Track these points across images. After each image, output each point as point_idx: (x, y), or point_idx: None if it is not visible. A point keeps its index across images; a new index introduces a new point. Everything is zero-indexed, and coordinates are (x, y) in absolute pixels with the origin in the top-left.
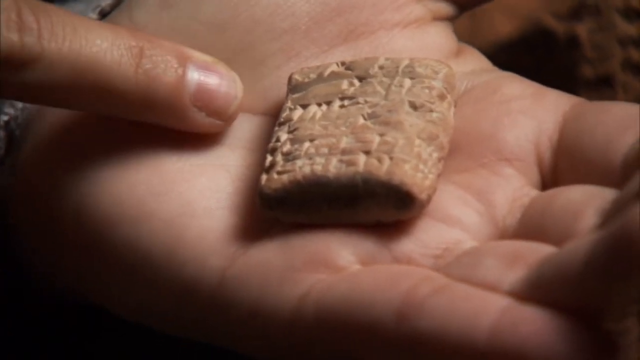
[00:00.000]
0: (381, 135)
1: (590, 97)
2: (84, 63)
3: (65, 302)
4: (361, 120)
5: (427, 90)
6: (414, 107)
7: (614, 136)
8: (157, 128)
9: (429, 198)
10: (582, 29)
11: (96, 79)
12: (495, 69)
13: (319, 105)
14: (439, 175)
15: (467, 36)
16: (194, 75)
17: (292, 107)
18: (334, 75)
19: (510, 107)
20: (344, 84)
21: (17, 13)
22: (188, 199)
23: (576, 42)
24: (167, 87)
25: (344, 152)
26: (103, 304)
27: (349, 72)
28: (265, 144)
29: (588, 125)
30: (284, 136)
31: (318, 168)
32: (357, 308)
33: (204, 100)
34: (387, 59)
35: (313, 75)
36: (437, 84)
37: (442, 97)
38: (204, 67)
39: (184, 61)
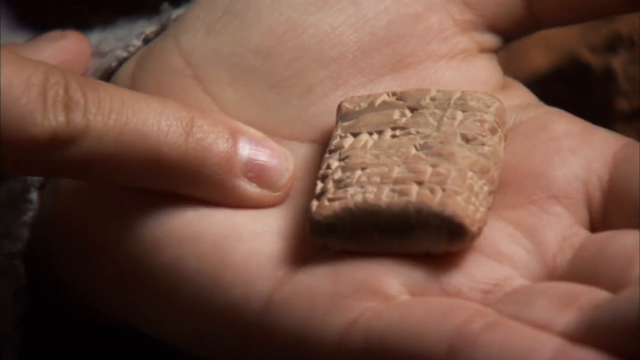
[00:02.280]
0: (433, 166)
1: (626, 129)
2: (131, 135)
3: (102, 325)
4: (413, 151)
5: (478, 124)
6: (466, 139)
7: None
8: None
9: (480, 230)
10: (617, 62)
11: (144, 149)
12: (541, 104)
13: (370, 134)
14: (489, 209)
15: (503, 69)
16: (245, 148)
17: (343, 135)
18: (385, 105)
19: (560, 145)
20: (396, 114)
21: (65, 89)
22: (234, 221)
23: (611, 74)
24: (218, 157)
25: (396, 181)
26: (140, 327)
27: (401, 102)
28: (311, 172)
29: (639, 170)
30: (335, 163)
31: (370, 197)
32: (407, 338)
33: (255, 172)
34: (438, 91)
35: (364, 104)
36: (489, 117)
37: (493, 130)
38: (255, 141)
39: (235, 134)
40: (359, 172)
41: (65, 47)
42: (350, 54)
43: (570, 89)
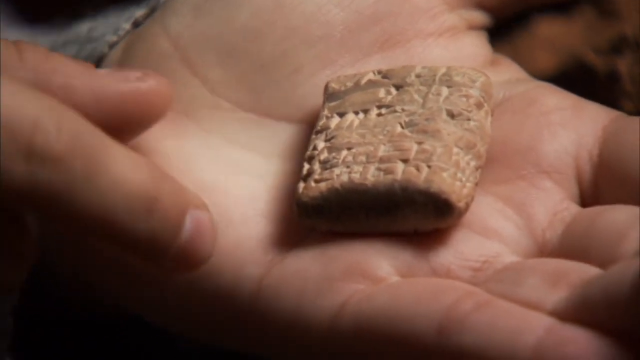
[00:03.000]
0: (419, 143)
1: None
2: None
3: (99, 311)
4: (399, 129)
5: (464, 99)
6: (451, 115)
7: None
8: (193, 138)
9: (467, 206)
10: (622, 63)
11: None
12: (531, 78)
13: (356, 113)
14: (476, 184)
15: None
16: (187, 230)
17: (329, 115)
18: (371, 84)
19: (550, 119)
20: (381, 92)
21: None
22: (224, 207)
23: (616, 76)
24: (162, 243)
25: (381, 160)
26: (136, 310)
27: (386, 80)
28: (301, 153)
29: (629, 143)
30: (321, 144)
31: (356, 176)
32: (397, 320)
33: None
34: (424, 68)
35: (350, 84)
36: (475, 92)
37: (479, 105)
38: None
39: (185, 208)
40: (344, 152)
41: (141, 90)
42: (338, 33)
43: (575, 90)
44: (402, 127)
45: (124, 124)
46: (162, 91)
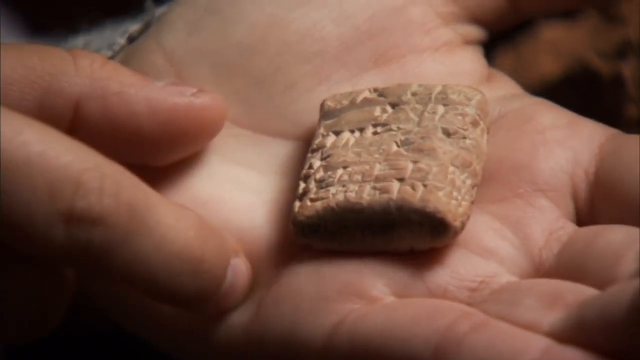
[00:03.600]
0: (414, 162)
1: None
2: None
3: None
4: (394, 147)
5: (460, 117)
6: (447, 133)
7: None
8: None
9: (463, 225)
10: (627, 68)
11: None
12: (526, 94)
13: (352, 132)
14: (472, 203)
15: (511, 75)
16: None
17: (325, 133)
18: (367, 102)
19: (546, 137)
20: (377, 111)
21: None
22: (220, 224)
23: (621, 81)
24: (207, 298)
25: (377, 179)
26: (132, 331)
27: (382, 98)
28: (297, 170)
29: (625, 162)
30: (317, 163)
31: (352, 195)
32: (393, 340)
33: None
34: (419, 86)
35: (345, 102)
36: (470, 110)
37: (475, 123)
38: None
39: (227, 261)
40: (340, 171)
41: (195, 105)
42: (333, 49)
43: (580, 95)
44: (398, 146)
45: (176, 138)
46: (216, 108)
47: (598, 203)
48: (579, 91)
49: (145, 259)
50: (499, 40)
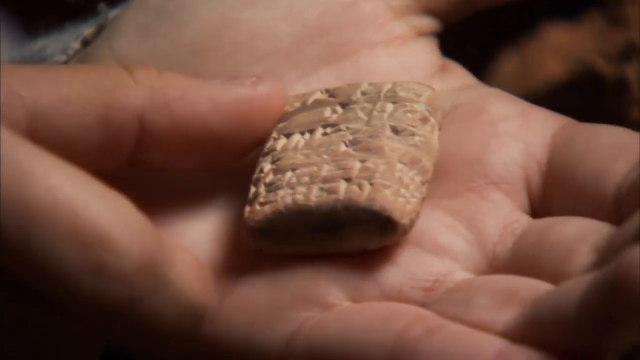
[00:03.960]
0: (362, 161)
1: None
2: None
3: None
4: (343, 148)
5: (409, 115)
6: (395, 131)
7: (605, 165)
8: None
9: (412, 222)
10: (631, 71)
11: None
12: (480, 84)
13: (302, 134)
14: (423, 199)
15: (516, 78)
16: None
17: (277, 137)
18: (317, 103)
19: (497, 129)
20: (327, 112)
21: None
22: (173, 232)
23: (625, 83)
24: None
25: (325, 180)
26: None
27: (332, 99)
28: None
29: (578, 152)
30: (267, 167)
31: (300, 197)
32: (349, 348)
33: None
34: (370, 84)
35: (297, 104)
36: (420, 107)
37: (424, 120)
38: None
39: None
40: (289, 174)
41: (257, 94)
42: (285, 48)
43: (584, 98)
44: (347, 146)
45: (245, 130)
46: (277, 93)
47: (552, 194)
48: (583, 93)
49: (163, 311)
50: (503, 43)
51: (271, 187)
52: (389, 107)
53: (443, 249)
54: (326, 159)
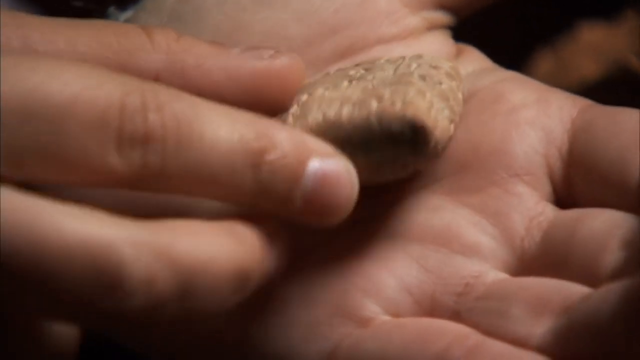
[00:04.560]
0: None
1: None
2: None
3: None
4: (371, 86)
5: (434, 70)
6: (423, 78)
7: (627, 150)
8: None
9: (445, 141)
10: None
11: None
12: (496, 67)
13: (326, 88)
14: (453, 123)
15: (551, 77)
16: (309, 179)
17: (297, 99)
18: (340, 70)
19: (516, 117)
20: (351, 71)
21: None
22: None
23: None
24: (278, 195)
25: (355, 102)
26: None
27: (355, 66)
28: None
29: (600, 137)
30: (293, 108)
31: (330, 114)
32: None
33: (316, 202)
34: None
35: (318, 76)
36: (445, 66)
37: (450, 76)
38: (322, 168)
39: (304, 158)
40: (317, 104)
41: (274, 67)
42: (298, 47)
43: (619, 97)
44: (374, 86)
45: (260, 102)
46: (295, 68)
47: (575, 181)
48: (618, 93)
49: (200, 163)
50: (538, 43)
51: (300, 116)
52: (414, 64)
53: (471, 248)
54: (356, 91)
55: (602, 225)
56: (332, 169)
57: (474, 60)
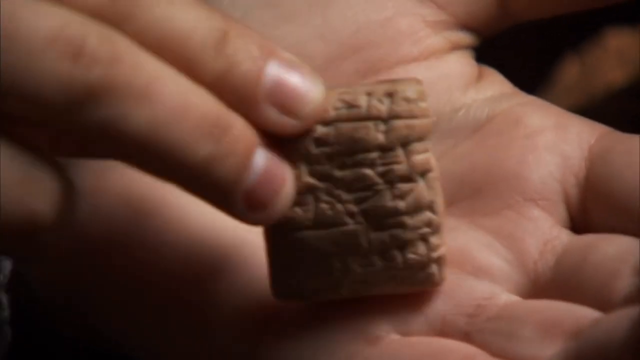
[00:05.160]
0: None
1: None
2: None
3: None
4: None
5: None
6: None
7: None
8: None
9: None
10: None
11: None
12: (517, 91)
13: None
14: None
15: (577, 84)
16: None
17: None
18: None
19: (534, 142)
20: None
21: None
22: (216, 257)
23: None
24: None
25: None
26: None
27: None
28: None
29: (617, 165)
30: None
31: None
32: None
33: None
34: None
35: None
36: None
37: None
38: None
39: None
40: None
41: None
42: (318, 66)
43: None
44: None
45: None
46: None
47: (591, 208)
48: None
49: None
50: (565, 49)
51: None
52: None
53: (484, 270)
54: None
55: (616, 251)
56: (275, 164)
57: (494, 84)
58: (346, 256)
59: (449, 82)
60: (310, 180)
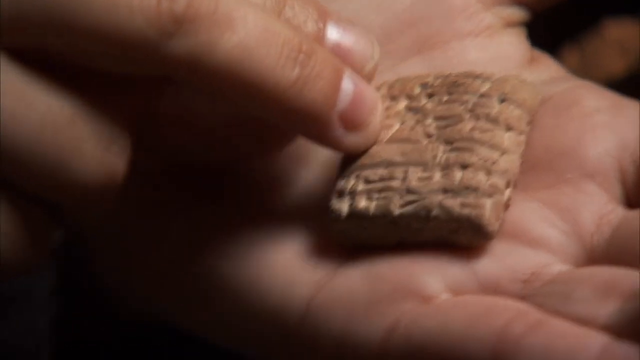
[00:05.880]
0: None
1: None
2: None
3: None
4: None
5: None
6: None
7: None
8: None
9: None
10: None
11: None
12: (570, 76)
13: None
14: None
15: (577, 73)
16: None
17: None
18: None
19: (592, 121)
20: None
21: None
22: (266, 226)
23: None
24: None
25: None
26: (178, 323)
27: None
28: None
29: None
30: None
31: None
32: (449, 344)
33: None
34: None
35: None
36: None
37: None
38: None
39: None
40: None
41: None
42: (377, 38)
43: None
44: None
45: None
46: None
47: None
48: None
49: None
50: (565, 39)
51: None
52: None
53: (540, 241)
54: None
55: None
56: (364, 87)
57: (548, 68)
58: (408, 166)
59: (502, 63)
60: (403, 110)
